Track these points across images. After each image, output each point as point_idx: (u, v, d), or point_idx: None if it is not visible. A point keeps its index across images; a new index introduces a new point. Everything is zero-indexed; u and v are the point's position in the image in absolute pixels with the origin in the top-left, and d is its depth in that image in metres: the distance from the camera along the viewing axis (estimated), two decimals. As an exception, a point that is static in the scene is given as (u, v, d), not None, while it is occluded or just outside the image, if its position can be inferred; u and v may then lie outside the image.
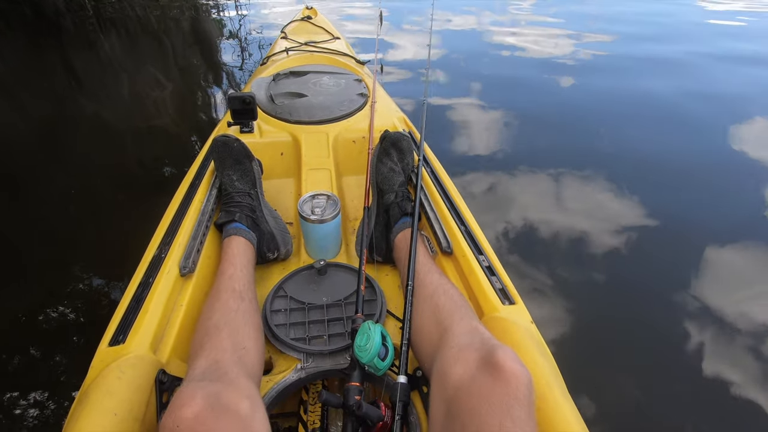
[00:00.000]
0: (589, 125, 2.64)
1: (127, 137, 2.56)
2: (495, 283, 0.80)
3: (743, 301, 1.47)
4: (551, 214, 1.86)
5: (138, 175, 2.18)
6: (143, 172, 2.20)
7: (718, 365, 1.27)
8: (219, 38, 4.63)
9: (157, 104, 3.01)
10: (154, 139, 2.54)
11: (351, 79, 1.61)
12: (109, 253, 1.65)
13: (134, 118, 2.78)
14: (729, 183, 2.12)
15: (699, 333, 1.36)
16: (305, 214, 0.95)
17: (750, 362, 1.28)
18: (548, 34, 4.51)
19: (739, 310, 1.44)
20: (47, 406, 1.17)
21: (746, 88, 3.29)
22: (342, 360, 0.77)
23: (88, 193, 2.02)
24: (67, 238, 1.75)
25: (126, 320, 0.70)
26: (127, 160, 2.33)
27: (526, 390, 0.51)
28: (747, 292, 1.51)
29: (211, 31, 4.99)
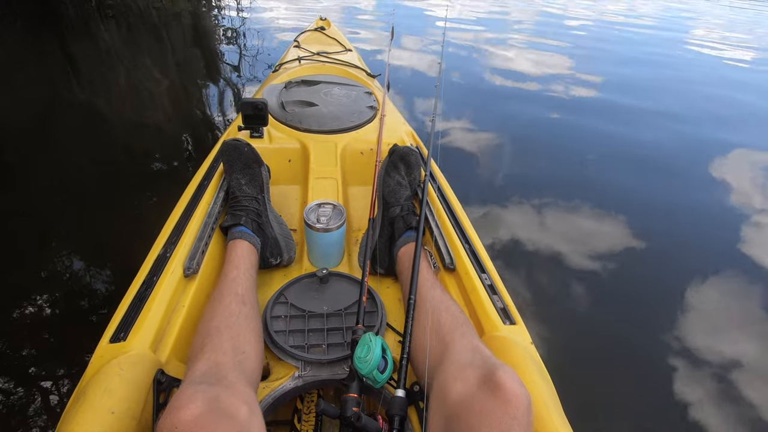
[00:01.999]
0: (592, 153, 2.67)
1: (122, 130, 2.57)
2: (497, 302, 0.81)
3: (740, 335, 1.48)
4: (553, 239, 1.87)
5: (133, 168, 2.18)
6: (138, 166, 2.20)
7: (712, 394, 1.27)
8: (218, 36, 4.66)
9: (154, 98, 3.03)
10: (149, 132, 2.55)
11: (361, 91, 1.63)
12: (111, 248, 1.65)
13: (130, 111, 2.80)
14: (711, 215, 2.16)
15: (694, 363, 1.36)
16: (311, 222, 0.95)
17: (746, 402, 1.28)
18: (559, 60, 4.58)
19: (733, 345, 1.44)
20: (43, 401, 1.16)
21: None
22: (339, 370, 0.77)
23: (82, 184, 2.02)
24: (63, 231, 1.75)
25: (128, 318, 0.70)
26: (122, 153, 2.33)
27: (525, 410, 0.51)
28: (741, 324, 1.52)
29: (210, 28, 5.03)
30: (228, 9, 5.95)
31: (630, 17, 7.89)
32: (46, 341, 1.31)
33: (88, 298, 1.45)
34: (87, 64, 3.65)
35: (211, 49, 4.26)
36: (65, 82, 3.18)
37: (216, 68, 3.77)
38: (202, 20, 5.41)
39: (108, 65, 3.63)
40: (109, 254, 1.63)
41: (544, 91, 3.63)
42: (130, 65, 3.66)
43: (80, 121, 2.63)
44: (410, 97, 3.16)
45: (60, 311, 1.40)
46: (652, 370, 1.35)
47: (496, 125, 2.87)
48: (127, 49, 4.06)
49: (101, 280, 1.52)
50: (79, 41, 4.16)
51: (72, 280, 1.52)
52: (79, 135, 2.46)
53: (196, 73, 3.64)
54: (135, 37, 4.45)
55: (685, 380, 1.31)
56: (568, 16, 7.54)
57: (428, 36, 5.14)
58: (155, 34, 4.56)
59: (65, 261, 1.59)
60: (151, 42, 4.34)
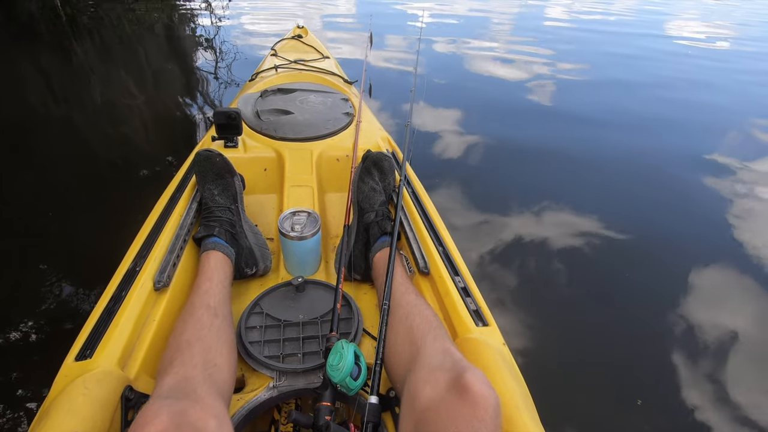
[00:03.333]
0: (563, 153, 2.72)
1: (97, 143, 2.53)
2: (470, 304, 0.82)
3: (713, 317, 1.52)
4: (528, 237, 1.90)
5: (108, 182, 2.15)
6: (114, 179, 2.17)
7: (691, 388, 1.30)
8: (193, 47, 4.63)
9: (129, 111, 2.99)
10: (125, 146, 2.52)
11: (338, 98, 1.64)
12: (79, 263, 1.62)
13: (106, 125, 2.76)
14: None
15: (673, 354, 1.39)
16: (285, 230, 0.95)
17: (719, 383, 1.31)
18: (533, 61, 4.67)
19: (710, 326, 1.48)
20: (4, 424, 1.12)
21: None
22: (315, 379, 0.77)
23: (56, 198, 1.98)
24: (33, 245, 1.71)
25: (95, 334, 0.68)
26: (97, 166, 2.29)
27: (493, 412, 0.51)
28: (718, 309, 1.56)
29: (185, 39, 5.00)
30: (202, 18, 5.91)
31: (607, 15, 8.10)
32: (7, 362, 1.27)
33: (54, 315, 1.42)
34: (61, 78, 3.60)
35: (187, 60, 4.22)
36: (39, 98, 3.13)
37: (192, 79, 3.74)
38: (177, 31, 5.37)
39: (82, 79, 3.58)
40: (77, 270, 1.59)
41: (521, 92, 3.69)
42: (104, 79, 3.61)
43: (54, 136, 2.58)
44: (387, 102, 3.19)
45: (24, 330, 1.36)
46: (627, 368, 1.38)
47: (473, 127, 2.90)
48: (101, 63, 4.01)
49: (69, 296, 1.49)
50: (52, 57, 4.09)
51: (38, 298, 1.48)
52: (53, 150, 2.42)
53: (171, 84, 3.61)
54: (109, 51, 4.39)
55: (662, 379, 1.33)
56: (546, 17, 7.70)
57: (406, 41, 5.18)
58: (129, 47, 4.51)
59: (31, 278, 1.55)
60: (125, 55, 4.29)
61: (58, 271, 1.59)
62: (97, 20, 5.33)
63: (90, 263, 1.60)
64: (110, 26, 5.18)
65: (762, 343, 1.46)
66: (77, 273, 1.58)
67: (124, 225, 1.27)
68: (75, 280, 1.55)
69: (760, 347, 1.44)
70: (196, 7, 6.61)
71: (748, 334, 1.48)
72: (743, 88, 4.19)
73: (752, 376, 1.35)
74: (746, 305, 1.61)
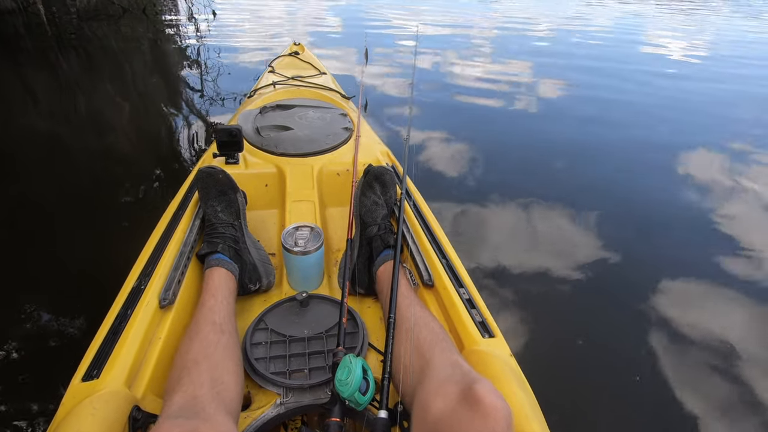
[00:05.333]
0: (563, 161, 2.76)
1: (88, 160, 2.52)
2: (475, 316, 0.82)
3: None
4: (529, 250, 1.91)
5: (102, 199, 2.13)
6: (107, 197, 2.15)
7: (689, 396, 1.30)
8: (184, 64, 4.67)
9: (119, 127, 3.00)
10: (116, 162, 2.51)
11: (336, 113, 1.66)
12: (84, 282, 1.61)
13: (95, 141, 2.75)
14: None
15: (675, 367, 1.39)
16: (288, 245, 0.95)
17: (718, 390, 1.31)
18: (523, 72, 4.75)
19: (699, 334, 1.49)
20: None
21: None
22: (322, 394, 0.76)
23: (48, 217, 1.97)
24: (29, 266, 1.70)
25: (101, 354, 0.68)
26: (89, 183, 2.28)
27: (505, 423, 0.51)
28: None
29: (172, 57, 5.04)
30: (193, 37, 5.96)
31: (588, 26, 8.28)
32: (14, 384, 1.25)
33: (59, 336, 1.40)
34: (47, 94, 3.60)
35: (178, 78, 4.24)
36: (25, 113, 3.13)
37: (184, 96, 3.76)
38: (165, 48, 5.42)
39: (69, 95, 3.59)
40: (81, 289, 1.58)
41: (515, 101, 3.76)
42: (92, 95, 3.62)
43: (43, 152, 2.58)
44: (385, 116, 3.22)
45: (30, 351, 1.35)
46: (633, 376, 1.37)
47: (470, 138, 2.94)
48: (88, 79, 4.03)
49: (73, 316, 1.47)
50: (38, 72, 4.11)
51: (42, 318, 1.46)
52: (42, 166, 2.41)
53: (162, 101, 3.63)
54: (95, 67, 4.41)
55: (666, 386, 1.33)
56: (531, 28, 7.87)
57: (400, 56, 5.26)
58: (116, 63, 4.53)
59: (34, 298, 1.54)
60: (112, 70, 4.31)
61: (59, 291, 1.58)
62: (83, 38, 5.37)
63: (91, 282, 1.59)
64: (97, 43, 5.22)
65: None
66: (78, 293, 1.57)
67: (122, 242, 1.28)
68: (76, 300, 1.54)
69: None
70: (182, 24, 6.67)
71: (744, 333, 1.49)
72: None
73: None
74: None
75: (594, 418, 1.24)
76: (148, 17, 6.78)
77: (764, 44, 7.49)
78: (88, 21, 6.22)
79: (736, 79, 5.01)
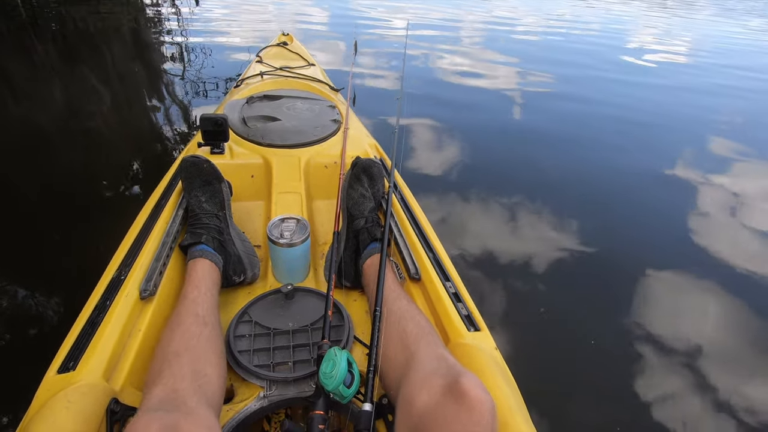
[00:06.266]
0: (551, 152, 2.79)
1: (67, 149, 2.45)
2: (461, 309, 0.82)
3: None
4: (518, 240, 1.92)
5: (82, 188, 2.08)
6: (86, 185, 2.10)
7: (672, 389, 1.33)
8: (168, 53, 4.55)
9: (100, 116, 2.91)
10: (97, 151, 2.45)
11: (324, 105, 1.64)
12: (61, 273, 1.56)
13: (75, 129, 2.68)
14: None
15: (660, 358, 1.42)
16: (274, 237, 0.94)
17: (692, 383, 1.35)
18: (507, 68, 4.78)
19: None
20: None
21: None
22: (307, 388, 0.75)
23: (25, 206, 1.91)
24: (4, 256, 1.65)
25: (78, 346, 0.66)
26: (68, 172, 2.22)
27: (489, 416, 0.51)
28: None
29: (153, 44, 4.91)
30: (174, 23, 5.82)
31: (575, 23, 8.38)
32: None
33: (35, 328, 1.36)
34: (23, 80, 3.47)
35: (160, 65, 4.14)
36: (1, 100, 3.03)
37: (167, 85, 3.67)
38: (146, 33, 5.28)
39: (46, 81, 3.47)
40: (59, 280, 1.54)
41: (504, 94, 3.78)
42: (70, 81, 3.50)
43: (19, 139, 2.50)
44: (374, 109, 3.20)
45: (2, 343, 1.31)
46: (617, 369, 1.40)
47: (459, 132, 2.95)
48: (66, 64, 3.90)
49: (50, 307, 1.43)
50: (12, 57, 3.96)
51: (17, 310, 1.42)
52: (19, 154, 2.34)
53: (144, 89, 3.54)
54: (74, 52, 4.27)
55: (650, 376, 1.36)
56: (518, 23, 7.94)
57: (389, 48, 5.23)
58: (96, 49, 4.39)
59: (9, 288, 1.49)
60: (92, 56, 4.17)
61: (34, 281, 1.53)
62: (60, 21, 5.18)
63: (68, 273, 1.55)
64: (74, 27, 5.05)
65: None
66: (55, 283, 1.53)
67: (102, 232, 1.24)
68: (53, 290, 1.50)
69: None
70: (164, 13, 6.50)
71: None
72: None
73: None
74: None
75: (576, 410, 1.27)
76: (128, 1, 6.59)
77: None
78: (65, 4, 6.02)
79: (719, 74, 5.12)
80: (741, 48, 7.38)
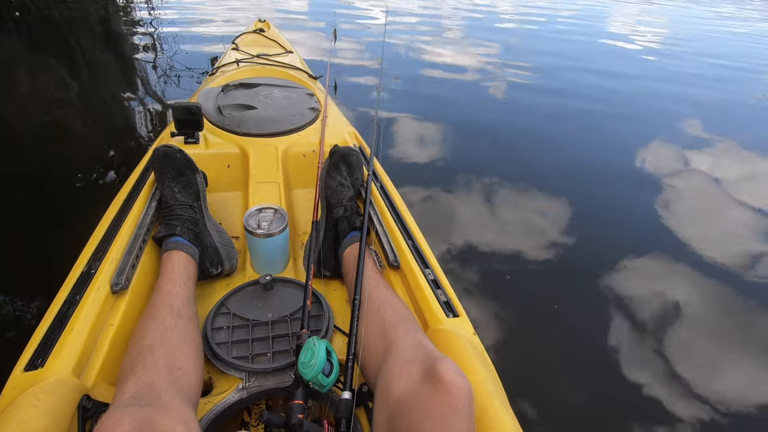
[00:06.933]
0: (528, 142, 2.82)
1: (33, 139, 2.36)
2: (440, 296, 0.82)
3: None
4: (495, 228, 1.94)
5: (49, 179, 2.00)
6: (54, 177, 2.02)
7: (643, 366, 1.37)
8: (133, 40, 4.39)
9: (66, 105, 2.79)
10: (65, 141, 2.35)
11: (303, 93, 1.61)
12: (28, 268, 1.51)
13: (40, 120, 2.57)
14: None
15: (636, 342, 1.46)
16: (251, 227, 0.93)
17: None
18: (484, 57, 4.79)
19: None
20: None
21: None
22: (286, 378, 0.75)
23: None
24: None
25: (46, 342, 0.64)
26: (34, 163, 2.14)
27: (466, 401, 0.52)
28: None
29: (123, 32, 4.72)
30: (149, 11, 5.60)
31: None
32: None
33: (5, 324, 1.32)
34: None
35: (132, 55, 3.98)
36: None
37: (138, 73, 3.55)
38: (115, 21, 5.07)
39: (9, 70, 3.31)
40: (24, 276, 1.48)
41: (482, 85, 3.79)
42: (36, 71, 3.34)
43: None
44: (353, 97, 3.17)
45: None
46: (594, 351, 1.44)
47: (438, 121, 2.94)
48: (30, 53, 3.71)
49: (16, 304, 1.39)
50: None
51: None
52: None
53: (114, 78, 3.41)
54: (39, 40, 4.07)
55: (628, 359, 1.39)
56: (497, 10, 7.96)
57: (369, 37, 5.17)
58: (62, 37, 4.19)
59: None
60: (58, 45, 3.98)
61: (0, 276, 1.48)
62: (23, 7, 4.93)
63: (36, 268, 1.49)
64: (39, 14, 4.81)
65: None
66: (22, 280, 1.48)
67: (71, 226, 1.19)
68: (19, 287, 1.45)
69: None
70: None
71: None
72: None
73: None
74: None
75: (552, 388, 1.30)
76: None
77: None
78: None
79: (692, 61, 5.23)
80: (715, 35, 7.55)
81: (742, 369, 1.40)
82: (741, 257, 1.90)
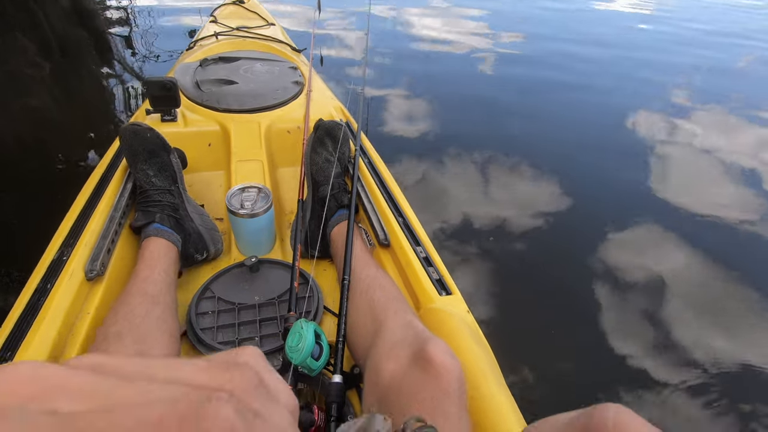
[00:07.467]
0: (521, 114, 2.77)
1: (4, 122, 2.25)
2: (432, 274, 0.80)
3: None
4: (488, 203, 1.92)
5: (17, 164, 1.93)
6: (23, 161, 1.94)
7: (633, 337, 1.38)
8: (105, 15, 4.18)
9: (37, 86, 2.66)
10: (35, 123, 2.24)
11: (285, 66, 1.54)
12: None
13: (9, 100, 2.45)
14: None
15: (629, 318, 1.46)
16: (234, 208, 0.89)
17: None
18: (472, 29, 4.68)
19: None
20: None
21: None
22: (275, 362, 0.73)
23: None
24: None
25: (16, 333, 0.60)
26: (2, 146, 2.05)
27: (456, 383, 0.50)
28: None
29: (94, 6, 4.50)
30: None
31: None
32: None
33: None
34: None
35: (104, 29, 3.79)
36: None
37: (113, 51, 3.38)
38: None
39: None
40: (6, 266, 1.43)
41: (472, 55, 3.71)
42: (2, 50, 3.19)
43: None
44: (338, 70, 3.07)
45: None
46: (588, 326, 1.44)
47: (425, 91, 2.87)
48: None
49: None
50: None
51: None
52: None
53: (87, 56, 3.25)
54: (4, 16, 3.86)
55: (621, 334, 1.40)
56: None
57: (355, 7, 5.00)
58: (29, 12, 3.97)
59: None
60: (25, 21, 3.77)
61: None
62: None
63: (2, 257, 1.43)
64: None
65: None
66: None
67: (40, 213, 1.13)
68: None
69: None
70: None
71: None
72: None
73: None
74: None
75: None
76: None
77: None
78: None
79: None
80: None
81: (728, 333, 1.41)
82: (727, 224, 1.91)
